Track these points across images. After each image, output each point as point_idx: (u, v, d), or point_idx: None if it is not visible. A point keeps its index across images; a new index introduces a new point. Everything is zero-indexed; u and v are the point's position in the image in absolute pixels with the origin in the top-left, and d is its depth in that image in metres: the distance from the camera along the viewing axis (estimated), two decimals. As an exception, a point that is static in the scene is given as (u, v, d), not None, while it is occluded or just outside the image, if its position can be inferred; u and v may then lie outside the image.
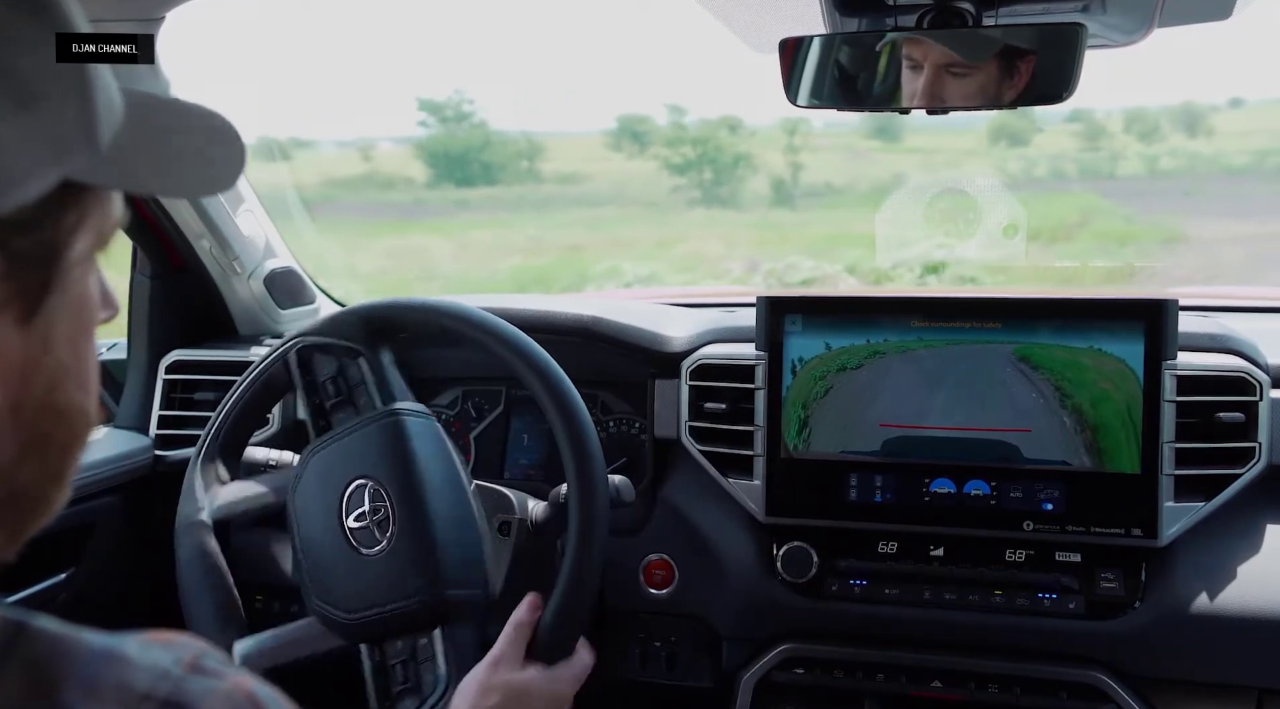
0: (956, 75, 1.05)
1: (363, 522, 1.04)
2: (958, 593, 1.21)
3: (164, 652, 0.41)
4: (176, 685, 0.40)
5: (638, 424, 1.44)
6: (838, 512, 1.23)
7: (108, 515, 1.42)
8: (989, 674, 1.22)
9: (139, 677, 0.40)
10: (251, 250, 1.58)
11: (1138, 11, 1.03)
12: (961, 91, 1.06)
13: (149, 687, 0.39)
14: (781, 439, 1.25)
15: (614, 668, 1.38)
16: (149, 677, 0.40)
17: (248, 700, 0.42)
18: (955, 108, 1.08)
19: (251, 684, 0.43)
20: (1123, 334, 1.16)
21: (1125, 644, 1.16)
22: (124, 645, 0.41)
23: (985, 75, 1.05)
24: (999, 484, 1.19)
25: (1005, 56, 1.03)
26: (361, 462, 1.06)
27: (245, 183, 1.56)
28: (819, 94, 1.12)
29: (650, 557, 1.33)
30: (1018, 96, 1.04)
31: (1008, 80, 1.04)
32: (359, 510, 1.05)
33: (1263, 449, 1.15)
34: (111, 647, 0.40)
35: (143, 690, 0.39)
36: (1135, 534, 1.15)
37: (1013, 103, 1.06)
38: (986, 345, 1.20)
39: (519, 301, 1.44)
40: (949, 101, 1.07)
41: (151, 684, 0.40)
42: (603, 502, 1.03)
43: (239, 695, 0.42)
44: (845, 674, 1.27)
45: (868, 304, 1.25)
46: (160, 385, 1.53)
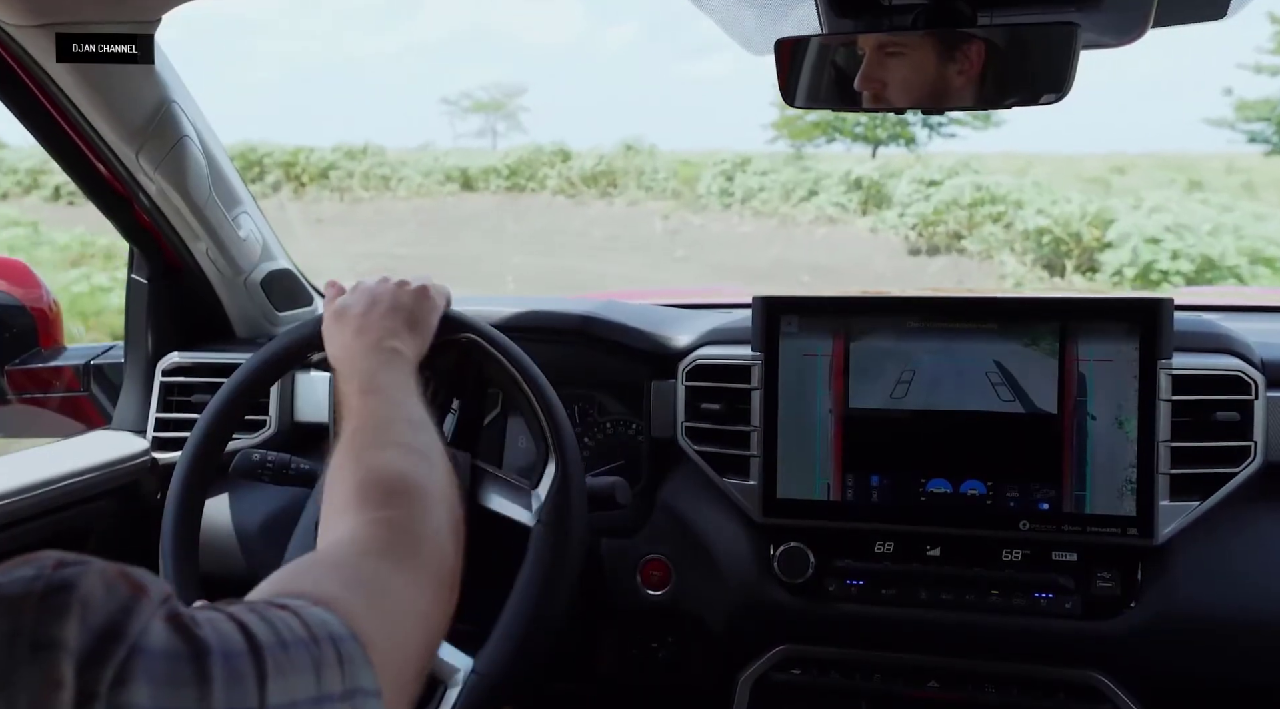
0: (892, 54, 1.06)
1: None
2: (954, 593, 1.22)
3: (25, 565, 0.44)
4: (49, 579, 0.42)
5: (634, 425, 1.44)
6: (834, 512, 1.24)
7: (105, 518, 1.42)
8: (986, 674, 1.23)
9: (10, 587, 0.42)
10: (249, 252, 1.58)
11: (1133, 11, 1.03)
12: (899, 74, 1.06)
13: (24, 590, 0.42)
14: (778, 440, 1.25)
15: (611, 668, 1.38)
16: (20, 584, 0.42)
17: (120, 577, 0.44)
18: (954, 108, 1.08)
19: (122, 567, 0.46)
20: (1118, 334, 1.16)
21: (1122, 643, 1.17)
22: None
23: (921, 55, 1.05)
24: (995, 484, 1.19)
25: (944, 38, 1.04)
26: None
27: (242, 185, 1.56)
28: (816, 95, 1.12)
29: (647, 557, 1.33)
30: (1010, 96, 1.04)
31: (950, 64, 1.04)
32: None
33: (1258, 448, 1.15)
34: None
35: (18, 594, 0.41)
36: (1131, 533, 1.15)
37: (1010, 103, 1.06)
38: (982, 345, 1.20)
39: (517, 303, 1.44)
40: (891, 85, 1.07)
41: (25, 587, 0.42)
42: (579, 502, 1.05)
43: (111, 573, 0.44)
44: (842, 675, 1.27)
45: (864, 305, 1.25)
46: (157, 388, 1.53)
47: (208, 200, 1.46)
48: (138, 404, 1.57)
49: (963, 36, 1.03)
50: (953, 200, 12.81)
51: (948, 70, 1.04)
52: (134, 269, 1.57)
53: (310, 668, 0.49)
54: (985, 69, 1.03)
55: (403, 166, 18.31)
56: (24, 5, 1.12)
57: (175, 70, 1.38)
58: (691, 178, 16.75)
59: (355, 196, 17.64)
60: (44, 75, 1.22)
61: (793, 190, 15.39)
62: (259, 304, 1.64)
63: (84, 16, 1.16)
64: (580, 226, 15.34)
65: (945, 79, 1.05)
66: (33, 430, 1.61)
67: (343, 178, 17.91)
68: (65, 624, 0.41)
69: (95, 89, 1.25)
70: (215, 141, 1.48)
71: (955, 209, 12.77)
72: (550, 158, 18.11)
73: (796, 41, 1.08)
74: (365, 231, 15.33)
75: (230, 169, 1.52)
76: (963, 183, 12.92)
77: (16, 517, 1.25)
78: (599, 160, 17.67)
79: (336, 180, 17.85)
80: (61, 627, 0.41)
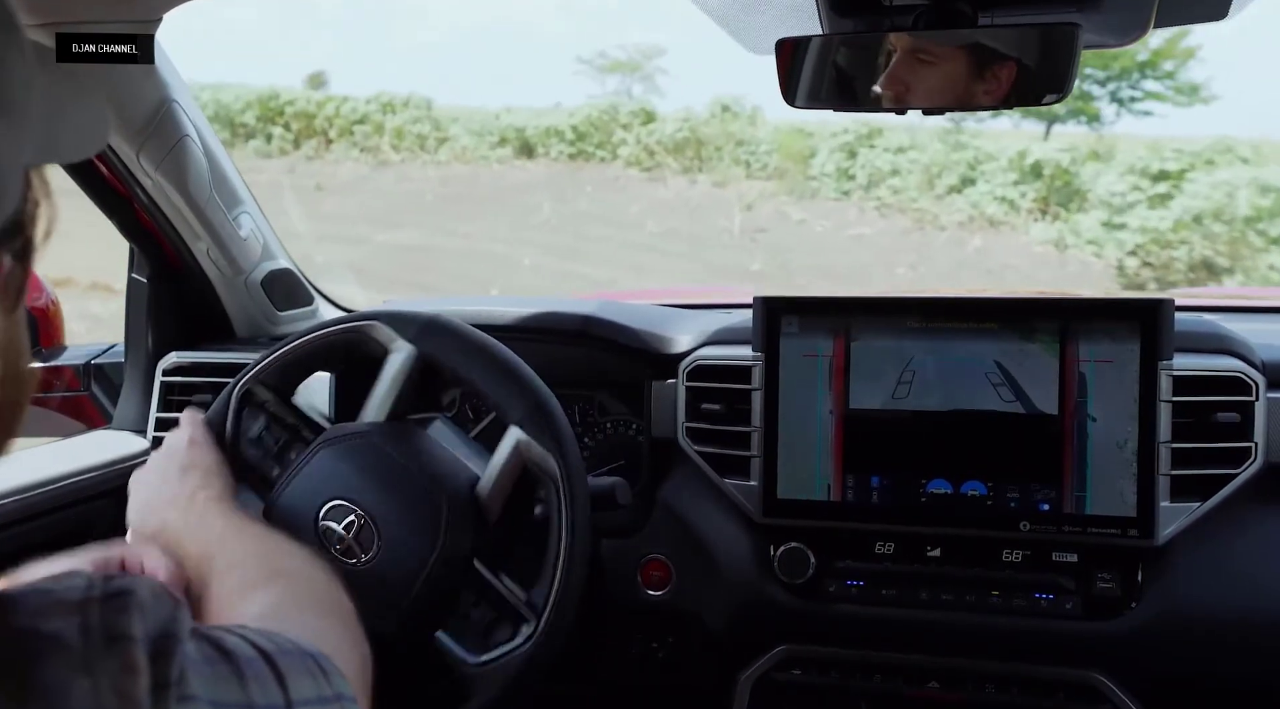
0: (924, 62, 1.05)
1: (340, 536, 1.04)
2: (955, 593, 1.22)
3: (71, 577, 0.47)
4: (105, 586, 0.46)
5: (635, 425, 1.44)
6: (834, 512, 1.24)
7: (105, 518, 1.42)
8: (986, 675, 1.23)
9: (70, 593, 0.45)
10: (249, 252, 1.58)
11: (1134, 12, 1.03)
12: (926, 82, 1.06)
13: (84, 594, 0.45)
14: (778, 441, 1.25)
15: (612, 669, 1.38)
16: (78, 589, 0.45)
17: (162, 588, 0.49)
18: (954, 108, 1.08)
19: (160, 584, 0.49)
20: (1119, 334, 1.16)
21: (1122, 644, 1.17)
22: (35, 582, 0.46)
23: (953, 67, 1.04)
24: (995, 485, 1.19)
25: (979, 56, 1.03)
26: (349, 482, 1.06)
27: (243, 183, 1.56)
28: (817, 95, 1.12)
29: (648, 557, 1.33)
30: (1010, 97, 1.04)
31: (979, 82, 1.04)
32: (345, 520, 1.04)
33: (1259, 449, 1.15)
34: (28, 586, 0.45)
35: (80, 598, 0.44)
36: (1132, 534, 1.15)
37: (1008, 104, 1.06)
38: (983, 346, 1.20)
39: (516, 304, 1.44)
40: (914, 90, 1.07)
41: (85, 592, 0.45)
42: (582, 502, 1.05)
43: (156, 584, 0.48)
44: (843, 675, 1.27)
45: (865, 305, 1.25)
46: (158, 388, 1.53)
47: (208, 200, 1.46)
48: (138, 404, 1.57)
49: (997, 55, 1.02)
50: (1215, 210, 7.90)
51: (975, 87, 1.04)
52: (134, 269, 1.57)
53: (308, 673, 0.54)
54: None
55: (452, 124, 14.75)
56: (24, 5, 1.12)
57: (176, 69, 1.38)
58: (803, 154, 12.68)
59: (383, 158, 14.50)
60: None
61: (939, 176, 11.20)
62: (259, 304, 1.64)
63: (84, 16, 1.16)
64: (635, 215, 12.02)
65: (970, 94, 1.05)
66: (33, 430, 1.61)
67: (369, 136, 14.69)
68: (131, 620, 0.44)
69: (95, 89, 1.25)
70: (215, 141, 1.48)
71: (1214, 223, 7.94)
72: (627, 119, 14.04)
73: (797, 42, 1.08)
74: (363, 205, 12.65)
75: (231, 168, 1.52)
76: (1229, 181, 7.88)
77: (17, 516, 1.25)
78: (681, 125, 13.55)
79: (362, 138, 14.67)
80: (129, 622, 0.44)
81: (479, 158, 14.26)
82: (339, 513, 1.03)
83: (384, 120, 14.68)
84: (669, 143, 13.44)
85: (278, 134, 14.70)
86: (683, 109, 14.05)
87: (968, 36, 1.04)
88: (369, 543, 1.02)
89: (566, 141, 14.01)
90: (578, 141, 14.03)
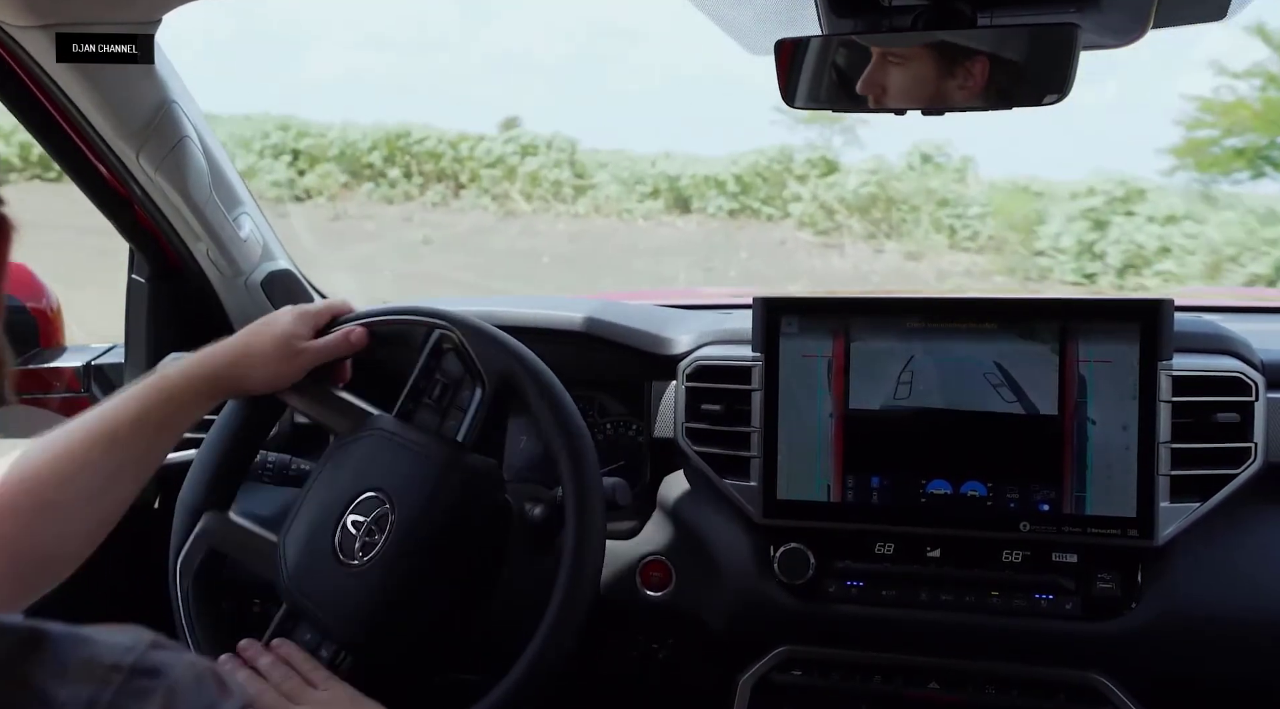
0: (893, 64, 1.06)
1: (356, 529, 1.04)
2: (954, 594, 1.22)
3: (124, 633, 0.44)
4: (142, 656, 0.42)
5: (635, 426, 1.44)
6: (834, 513, 1.23)
7: None
8: (986, 675, 1.23)
9: (104, 652, 0.42)
10: (249, 253, 1.58)
11: (1133, 12, 1.03)
12: (898, 83, 1.06)
13: (115, 659, 0.42)
14: (778, 441, 1.25)
15: (611, 669, 1.38)
16: (114, 651, 0.42)
17: (210, 673, 0.44)
18: (953, 108, 1.08)
19: (213, 664, 0.46)
20: (1119, 335, 1.16)
21: (1122, 645, 1.17)
22: (85, 629, 0.43)
23: (920, 66, 1.05)
24: (995, 485, 1.19)
25: (945, 53, 1.04)
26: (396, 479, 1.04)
27: (242, 184, 1.56)
28: (816, 96, 1.12)
29: (647, 558, 1.33)
30: (1010, 97, 1.04)
31: (950, 80, 1.04)
32: (359, 517, 1.04)
33: (1258, 449, 1.15)
34: (74, 631, 0.43)
35: (110, 663, 0.41)
36: (1132, 534, 1.15)
37: (1010, 103, 1.06)
38: (983, 346, 1.20)
39: (516, 304, 1.44)
40: (889, 92, 1.07)
41: (118, 657, 0.42)
42: (599, 508, 1.02)
43: (202, 668, 0.44)
44: (843, 676, 1.27)
45: (864, 305, 1.25)
46: (157, 388, 1.53)
47: (208, 201, 1.46)
48: (138, 404, 1.56)
49: (965, 52, 1.03)
50: None
51: (948, 84, 1.05)
52: (134, 269, 1.57)
53: None
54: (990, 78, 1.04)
55: (598, 170, 12.16)
56: (24, 5, 1.12)
57: (175, 70, 1.38)
58: (1028, 220, 9.81)
59: (510, 208, 12.03)
60: (44, 75, 1.22)
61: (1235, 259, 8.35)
62: (259, 305, 1.64)
63: (84, 17, 1.16)
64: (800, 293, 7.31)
65: (945, 91, 1.05)
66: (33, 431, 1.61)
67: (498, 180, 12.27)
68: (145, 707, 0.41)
69: (95, 89, 1.25)
70: (215, 142, 1.48)
71: None
72: (803, 169, 11.15)
73: (797, 42, 1.08)
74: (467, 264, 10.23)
75: (230, 169, 1.52)
76: None
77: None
78: (870, 177, 10.58)
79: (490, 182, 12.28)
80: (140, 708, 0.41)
81: (623, 211, 11.76)
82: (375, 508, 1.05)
83: (518, 164, 12.24)
84: (852, 200, 10.58)
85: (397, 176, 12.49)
86: (872, 159, 11.07)
87: (971, 52, 1.04)
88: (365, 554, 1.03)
89: (727, 194, 11.30)
90: (741, 194, 11.29)
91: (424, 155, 12.43)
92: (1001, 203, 10.16)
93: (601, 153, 12.58)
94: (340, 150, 12.38)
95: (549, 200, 11.98)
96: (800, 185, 10.96)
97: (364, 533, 1.03)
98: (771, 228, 11.00)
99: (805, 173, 11.03)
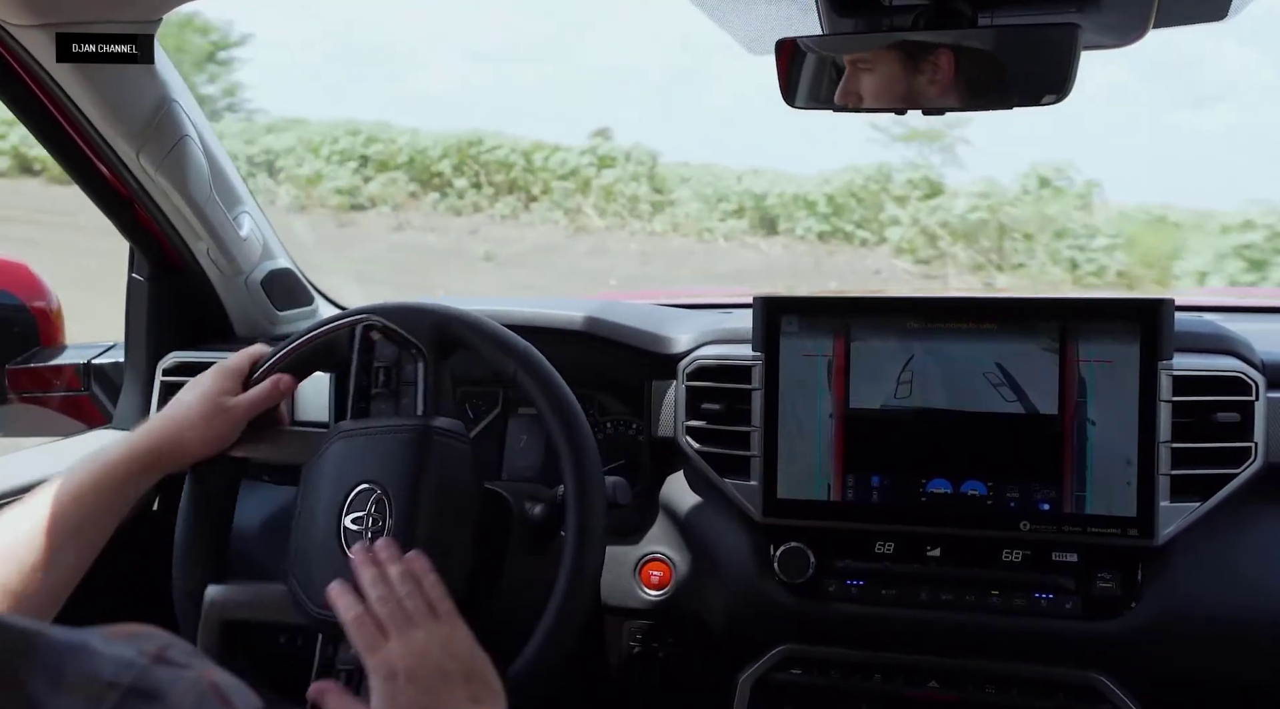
0: (864, 70, 1.07)
1: (359, 525, 1.03)
2: (955, 593, 1.22)
3: (128, 644, 0.42)
4: (141, 674, 0.41)
5: (635, 425, 1.44)
6: (835, 512, 1.24)
7: None
8: (986, 675, 1.23)
9: (104, 666, 0.40)
10: (249, 252, 1.58)
11: (1134, 12, 1.03)
12: (871, 87, 1.07)
13: (114, 675, 0.40)
14: (778, 441, 1.25)
15: (611, 669, 1.38)
16: (114, 666, 0.40)
17: (212, 690, 0.43)
18: (957, 109, 1.08)
19: (217, 675, 0.44)
20: (1119, 334, 1.16)
21: (1122, 644, 1.17)
22: (89, 637, 0.42)
23: (888, 68, 1.05)
24: (995, 484, 1.19)
25: (906, 51, 1.04)
26: (380, 467, 1.04)
27: (243, 184, 1.56)
28: (816, 96, 1.12)
29: (648, 557, 1.33)
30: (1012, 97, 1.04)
31: (918, 76, 1.05)
32: (358, 513, 1.04)
33: (1259, 449, 1.15)
34: (76, 639, 0.41)
35: (108, 679, 0.40)
36: (1132, 534, 1.15)
37: (1012, 104, 1.06)
38: (983, 346, 1.20)
39: (516, 305, 1.44)
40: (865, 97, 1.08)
41: (117, 673, 0.40)
42: (600, 507, 1.02)
43: (204, 684, 0.43)
44: (843, 675, 1.27)
45: (865, 305, 1.25)
46: (158, 387, 1.53)
47: (208, 200, 1.46)
48: (138, 403, 1.57)
49: (924, 48, 1.04)
50: None
51: (918, 81, 1.05)
52: (134, 268, 1.57)
53: None
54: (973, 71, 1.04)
55: (679, 185, 11.11)
56: (24, 5, 1.12)
57: (175, 70, 1.38)
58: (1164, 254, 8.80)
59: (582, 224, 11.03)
60: (44, 75, 1.22)
61: None
62: (259, 303, 1.64)
63: (84, 16, 1.16)
64: None
65: (917, 88, 1.06)
66: (33, 429, 1.61)
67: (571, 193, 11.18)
68: None
69: (95, 89, 1.25)
70: (215, 141, 1.48)
71: None
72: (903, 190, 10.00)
73: (797, 42, 1.08)
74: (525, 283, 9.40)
75: (230, 168, 1.52)
76: None
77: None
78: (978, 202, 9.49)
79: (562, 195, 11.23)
80: None
81: (703, 230, 10.73)
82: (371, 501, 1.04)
83: (594, 176, 11.16)
84: (958, 226, 9.41)
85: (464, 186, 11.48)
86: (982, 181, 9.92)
87: (930, 47, 1.04)
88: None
89: (818, 215, 10.17)
90: (833, 216, 10.17)
91: (495, 165, 11.48)
92: (1133, 233, 9.02)
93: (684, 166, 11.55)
94: (410, 157, 11.64)
95: (623, 216, 10.97)
96: (899, 208, 9.76)
97: (369, 526, 1.02)
98: (865, 254, 9.91)
99: (905, 194, 9.86)
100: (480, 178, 11.51)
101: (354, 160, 11.68)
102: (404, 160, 11.68)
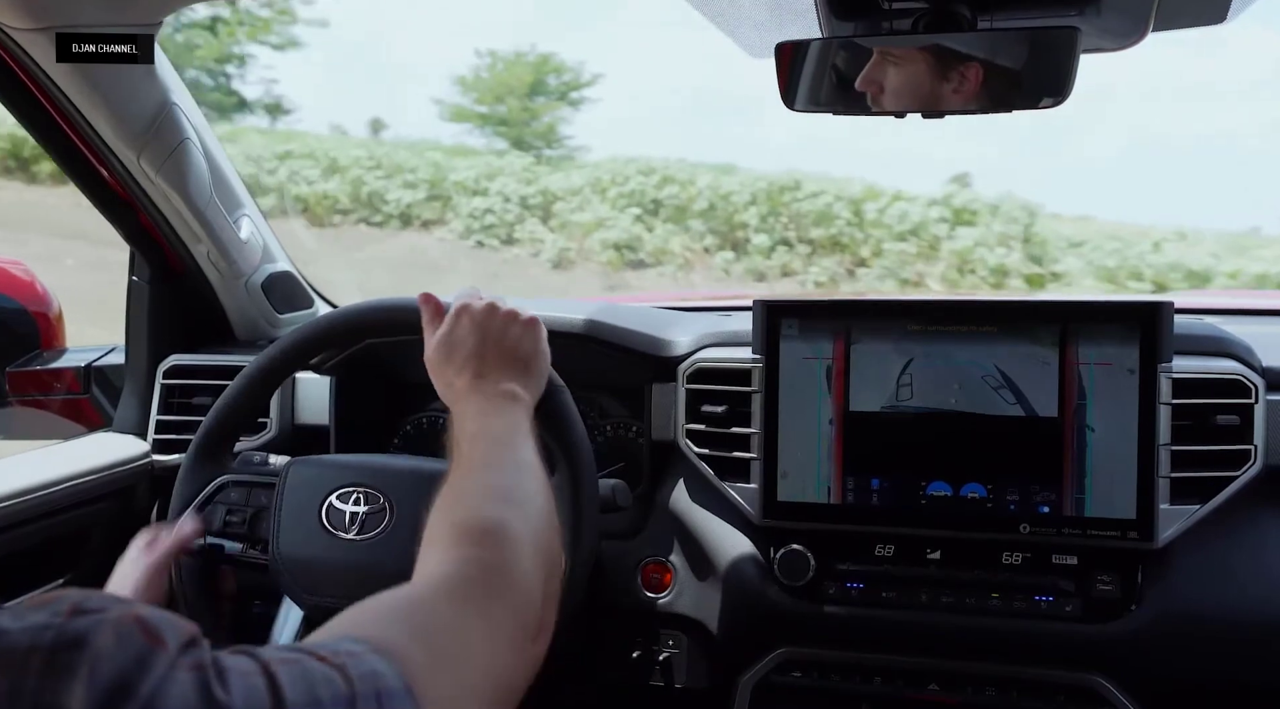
0: (891, 63, 1.07)
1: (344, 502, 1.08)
2: (955, 596, 1.22)
3: (41, 610, 0.41)
4: (60, 631, 0.40)
5: (635, 428, 1.44)
6: (835, 515, 1.24)
7: (104, 520, 1.42)
8: (986, 677, 1.23)
9: (18, 638, 0.39)
10: (249, 255, 1.58)
11: (1133, 15, 1.03)
12: (893, 82, 1.07)
13: (30, 642, 0.39)
14: (778, 443, 1.25)
15: (611, 671, 1.38)
16: (29, 634, 0.40)
17: (136, 624, 0.42)
18: (956, 112, 1.08)
19: (140, 610, 0.43)
20: (1119, 337, 1.16)
21: (1122, 646, 1.17)
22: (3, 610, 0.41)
23: (915, 68, 1.06)
24: (995, 487, 1.19)
25: (939, 56, 1.04)
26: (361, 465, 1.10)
27: (243, 187, 1.56)
28: (816, 99, 1.12)
29: (647, 560, 1.33)
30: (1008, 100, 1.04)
31: (944, 83, 1.05)
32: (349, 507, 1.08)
33: (1258, 451, 1.15)
34: None
35: (25, 648, 0.39)
36: (1132, 536, 1.15)
37: (1011, 107, 1.06)
38: (983, 349, 1.20)
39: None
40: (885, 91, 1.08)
41: (33, 639, 0.40)
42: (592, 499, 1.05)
43: (126, 621, 0.42)
44: (842, 677, 1.27)
45: (865, 308, 1.25)
46: (158, 390, 1.53)
47: (209, 203, 1.46)
48: (138, 406, 1.57)
49: (961, 56, 1.03)
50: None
51: (942, 88, 1.05)
52: (135, 271, 1.57)
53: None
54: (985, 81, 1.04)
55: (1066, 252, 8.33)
56: (25, 8, 1.12)
57: (175, 72, 1.38)
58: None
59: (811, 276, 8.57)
60: (45, 78, 1.22)
61: None
62: (259, 306, 1.64)
63: (84, 20, 1.16)
64: None
65: (939, 93, 1.06)
66: (33, 432, 1.61)
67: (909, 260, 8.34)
68: (71, 685, 0.39)
69: (96, 91, 1.25)
70: (215, 144, 1.48)
71: None
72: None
73: (797, 45, 1.08)
74: None
75: (231, 172, 1.52)
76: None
77: (16, 519, 1.25)
78: None
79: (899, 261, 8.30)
80: (68, 689, 0.38)
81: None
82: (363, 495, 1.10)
83: (946, 235, 8.37)
84: None
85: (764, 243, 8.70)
86: None
87: (966, 58, 1.04)
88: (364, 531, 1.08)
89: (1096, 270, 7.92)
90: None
91: (813, 216, 8.79)
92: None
93: (1074, 223, 8.86)
94: (710, 203, 9.04)
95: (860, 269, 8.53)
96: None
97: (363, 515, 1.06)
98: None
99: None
100: (789, 234, 8.86)
101: (640, 206, 9.23)
102: (702, 207, 9.08)
